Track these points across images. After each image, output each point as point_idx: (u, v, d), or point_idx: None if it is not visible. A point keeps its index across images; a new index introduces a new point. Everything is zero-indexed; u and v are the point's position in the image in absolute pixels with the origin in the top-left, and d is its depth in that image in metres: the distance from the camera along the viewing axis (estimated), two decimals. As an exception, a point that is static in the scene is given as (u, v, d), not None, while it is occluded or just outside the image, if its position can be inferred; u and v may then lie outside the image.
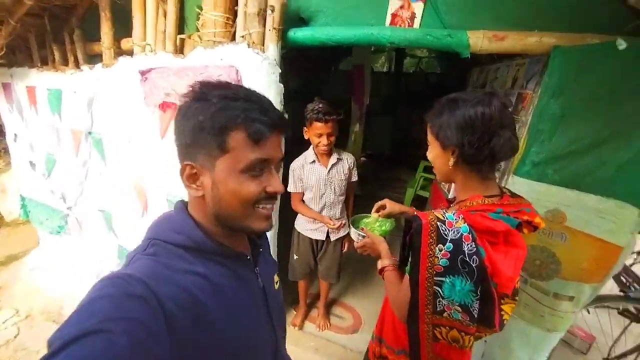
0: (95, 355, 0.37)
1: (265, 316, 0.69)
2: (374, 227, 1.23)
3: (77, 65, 2.11)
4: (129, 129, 1.88)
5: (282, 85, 1.50)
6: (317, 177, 1.85)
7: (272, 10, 1.42)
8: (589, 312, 2.15)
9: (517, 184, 1.41)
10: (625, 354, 1.88)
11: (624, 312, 1.94)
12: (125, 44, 1.93)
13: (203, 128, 0.52)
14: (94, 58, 2.07)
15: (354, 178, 1.97)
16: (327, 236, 1.99)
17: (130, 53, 1.84)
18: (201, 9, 1.54)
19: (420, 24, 1.37)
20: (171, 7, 1.61)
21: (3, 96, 2.54)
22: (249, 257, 0.67)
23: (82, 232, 2.48)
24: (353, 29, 1.42)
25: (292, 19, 1.54)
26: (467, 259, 0.75)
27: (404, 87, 5.73)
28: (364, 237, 1.16)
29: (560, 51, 1.19)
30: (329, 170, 1.84)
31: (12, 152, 2.80)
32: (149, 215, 2.00)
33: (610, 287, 2.02)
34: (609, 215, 1.28)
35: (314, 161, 1.84)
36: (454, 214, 0.80)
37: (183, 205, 0.62)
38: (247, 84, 1.44)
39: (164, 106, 1.70)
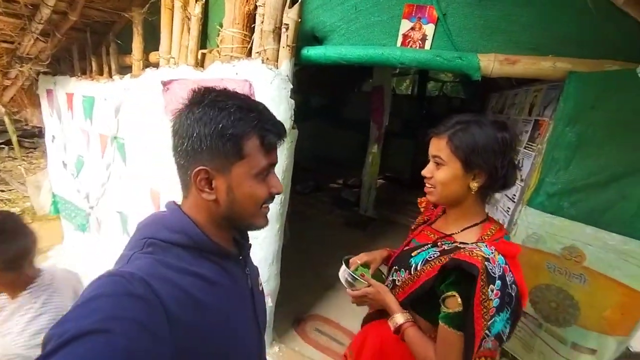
0: (94, 355, 0.37)
1: (252, 317, 0.69)
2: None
3: (110, 75, 2.28)
4: (148, 136, 1.98)
5: (293, 101, 1.53)
6: None
7: (287, 29, 1.47)
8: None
9: (530, 216, 1.33)
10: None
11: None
12: (152, 57, 2.07)
13: (223, 134, 0.54)
14: (125, 69, 2.23)
15: None
16: None
17: (156, 65, 1.97)
18: (222, 26, 1.63)
19: (431, 46, 1.37)
20: (194, 24, 1.72)
21: (46, 101, 2.78)
22: (241, 257, 0.69)
23: (101, 232, 2.59)
24: (363, 48, 1.44)
25: (306, 37, 1.59)
26: (511, 291, 0.70)
27: (426, 110, 5.68)
28: (360, 283, 0.97)
29: (577, 77, 1.13)
30: None
31: (48, 153, 3.03)
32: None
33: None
34: (634, 259, 1.16)
35: None
36: (487, 247, 0.73)
37: (176, 205, 0.63)
38: (259, 97, 1.49)
39: (180, 116, 1.78)
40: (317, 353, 2.16)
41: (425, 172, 0.88)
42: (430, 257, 0.84)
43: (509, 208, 1.57)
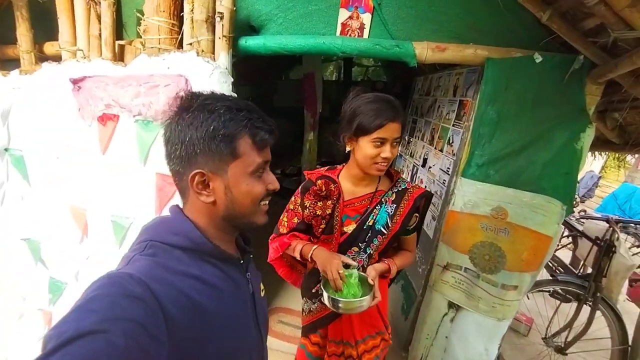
0: (93, 356, 0.37)
1: (253, 322, 0.69)
2: (351, 284, 1.03)
3: (-14, 72, 1.82)
4: (57, 144, 1.66)
5: (234, 95, 1.45)
6: None
7: (221, 18, 1.37)
8: (528, 298, 2.39)
9: (465, 186, 1.53)
10: (558, 332, 2.12)
11: (554, 295, 2.20)
12: (49, 48, 1.72)
13: (215, 136, 0.56)
14: (9, 64, 1.81)
15: None
16: None
17: (56, 59, 1.64)
18: (142, 13, 1.43)
19: (369, 34, 1.43)
20: (106, 10, 1.47)
21: None
22: (242, 262, 0.69)
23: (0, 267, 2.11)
24: (305, 38, 1.43)
25: (242, 27, 1.50)
26: None
27: (353, 95, 5.91)
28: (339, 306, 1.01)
29: (492, 62, 1.32)
30: None
31: None
32: (90, 240, 1.78)
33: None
34: (540, 209, 1.44)
35: None
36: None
37: (178, 208, 0.63)
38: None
39: (104, 118, 1.53)
40: (284, 344, 2.19)
41: (388, 154, 0.99)
42: (392, 211, 1.12)
43: (444, 180, 1.78)
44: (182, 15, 1.41)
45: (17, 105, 1.71)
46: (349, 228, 1.14)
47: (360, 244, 1.14)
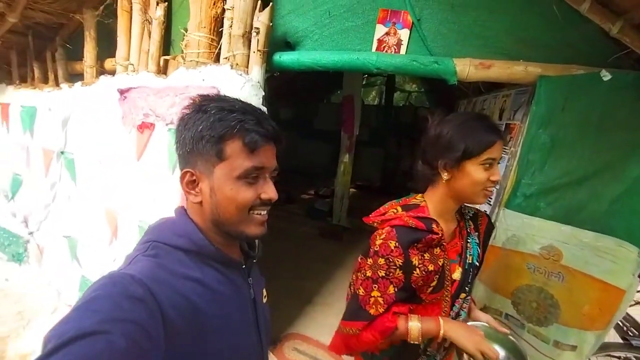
0: (93, 356, 0.37)
1: (254, 328, 0.68)
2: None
3: (57, 83, 2.05)
4: (102, 150, 1.77)
5: (264, 108, 1.45)
6: None
7: (257, 33, 1.40)
8: (592, 363, 1.99)
9: (508, 218, 1.34)
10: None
11: (626, 362, 1.80)
12: (108, 63, 1.89)
13: (202, 137, 0.56)
14: (75, 77, 2.02)
15: None
16: None
17: (112, 73, 1.79)
18: (187, 30, 1.51)
19: (406, 51, 1.36)
20: (155, 28, 1.59)
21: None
22: (244, 266, 0.68)
23: (43, 261, 2.26)
24: (338, 54, 1.41)
25: (278, 43, 1.53)
26: None
27: (393, 120, 5.85)
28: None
29: (547, 80, 1.17)
30: None
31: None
32: (119, 242, 1.84)
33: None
34: (608, 254, 1.20)
35: None
36: None
37: (184, 210, 0.63)
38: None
39: (142, 127, 1.62)
40: (298, 375, 2.03)
41: (498, 176, 0.84)
42: (477, 240, 0.98)
43: (485, 211, 1.59)
44: (222, 30, 1.47)
45: (75, 113, 1.88)
46: (457, 274, 0.94)
47: (466, 288, 0.96)
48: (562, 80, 1.15)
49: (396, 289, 0.85)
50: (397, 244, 0.84)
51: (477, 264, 0.97)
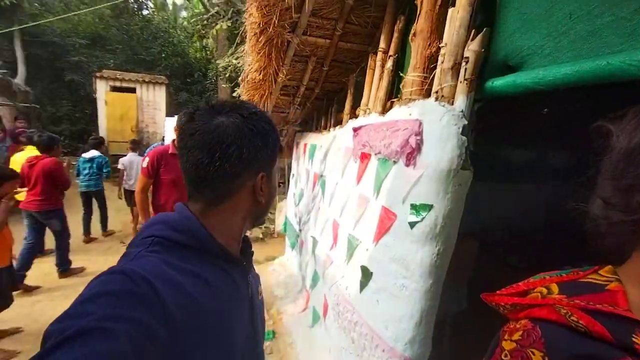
0: (95, 353, 0.37)
1: (249, 325, 0.69)
2: None
3: (328, 129, 2.92)
4: (340, 174, 2.31)
5: (464, 138, 1.33)
6: None
7: (467, 62, 1.34)
8: None
9: None
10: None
11: None
12: (358, 110, 2.46)
13: (275, 145, 0.68)
14: (340, 124, 2.79)
15: None
16: None
17: (357, 117, 2.32)
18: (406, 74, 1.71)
19: None
20: (385, 76, 1.91)
21: (294, 150, 3.92)
22: (245, 264, 0.70)
23: (302, 251, 3.19)
24: (573, 64, 1.05)
25: (497, 68, 1.37)
26: None
27: None
28: None
29: None
30: None
31: (290, 186, 4.18)
32: (337, 249, 2.28)
33: None
34: None
35: None
36: None
37: (184, 206, 0.63)
38: (426, 136, 1.43)
39: (362, 157, 1.97)
40: None
41: None
42: None
43: None
44: (434, 66, 1.53)
45: (332, 148, 2.59)
46: None
47: None
48: None
49: None
50: (546, 358, 0.43)
51: None
